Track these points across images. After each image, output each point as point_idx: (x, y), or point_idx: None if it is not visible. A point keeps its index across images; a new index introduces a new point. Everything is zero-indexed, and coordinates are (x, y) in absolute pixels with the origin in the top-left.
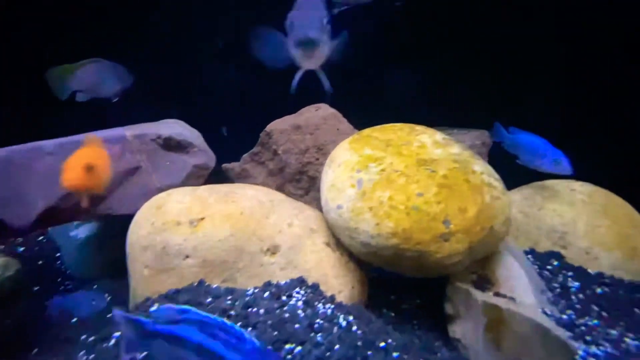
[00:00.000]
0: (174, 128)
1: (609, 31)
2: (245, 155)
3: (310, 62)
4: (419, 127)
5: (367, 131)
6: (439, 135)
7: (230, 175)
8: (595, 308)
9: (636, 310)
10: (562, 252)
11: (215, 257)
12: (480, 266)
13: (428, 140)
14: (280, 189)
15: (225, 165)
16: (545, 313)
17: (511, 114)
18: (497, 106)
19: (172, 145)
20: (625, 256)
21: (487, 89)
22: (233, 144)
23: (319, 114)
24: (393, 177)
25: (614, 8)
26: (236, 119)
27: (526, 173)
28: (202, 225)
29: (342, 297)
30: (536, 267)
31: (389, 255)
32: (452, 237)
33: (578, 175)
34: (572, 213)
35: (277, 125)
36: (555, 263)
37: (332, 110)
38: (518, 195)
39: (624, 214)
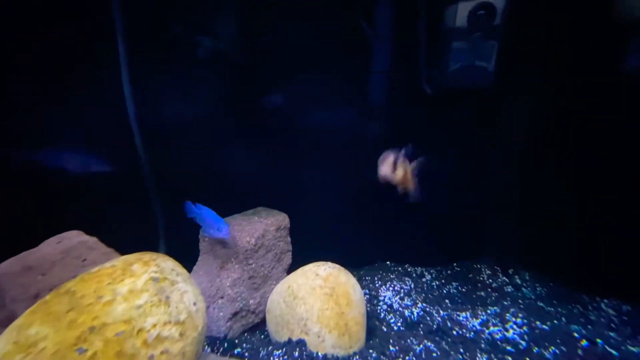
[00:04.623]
0: None
1: None
2: None
3: None
4: (136, 266)
5: (70, 284)
6: (145, 277)
7: None
8: None
9: None
10: (306, 338)
11: None
12: None
13: (124, 290)
14: None
15: None
16: None
17: None
18: None
19: None
20: (340, 333)
21: None
22: None
23: (59, 247)
24: None
25: None
26: None
27: None
28: None
29: None
30: None
31: None
32: None
33: None
34: (312, 299)
35: (4, 269)
36: (296, 353)
37: (82, 239)
38: (286, 284)
39: (343, 293)
